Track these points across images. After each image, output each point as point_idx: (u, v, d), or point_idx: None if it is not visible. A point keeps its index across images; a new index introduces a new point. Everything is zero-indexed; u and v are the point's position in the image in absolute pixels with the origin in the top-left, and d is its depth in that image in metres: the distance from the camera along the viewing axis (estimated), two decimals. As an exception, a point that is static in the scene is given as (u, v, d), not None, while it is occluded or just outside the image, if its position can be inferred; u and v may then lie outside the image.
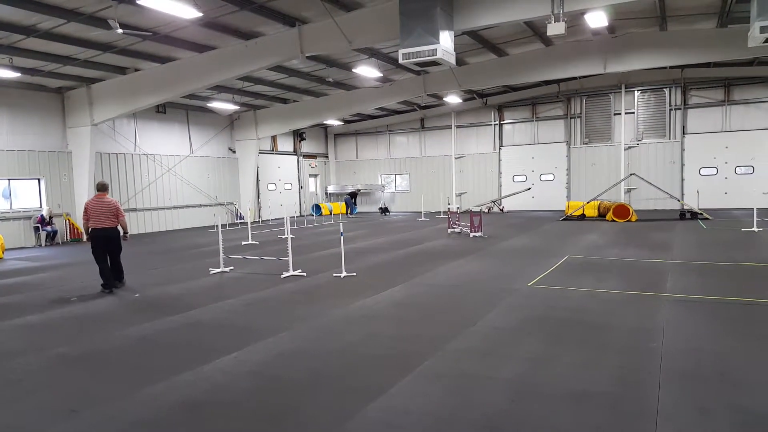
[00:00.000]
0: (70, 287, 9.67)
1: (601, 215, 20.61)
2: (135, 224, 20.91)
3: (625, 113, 25.13)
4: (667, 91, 24.56)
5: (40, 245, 17.40)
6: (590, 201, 21.36)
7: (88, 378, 5.07)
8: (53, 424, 4.04)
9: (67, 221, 18.28)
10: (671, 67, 22.33)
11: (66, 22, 12.40)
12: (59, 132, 18.43)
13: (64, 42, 13.74)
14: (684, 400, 4.08)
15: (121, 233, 9.40)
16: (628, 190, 24.57)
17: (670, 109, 24.60)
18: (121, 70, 17.00)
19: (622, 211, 19.56)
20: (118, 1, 11.38)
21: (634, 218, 19.25)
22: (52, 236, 17.72)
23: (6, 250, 15.48)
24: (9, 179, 17.14)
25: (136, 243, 17.55)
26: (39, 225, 17.49)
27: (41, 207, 17.85)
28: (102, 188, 9.40)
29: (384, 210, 29.80)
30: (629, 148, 25.17)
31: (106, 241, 9.12)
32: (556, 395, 4.22)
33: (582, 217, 20.84)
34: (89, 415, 4.16)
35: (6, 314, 7.71)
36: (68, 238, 18.27)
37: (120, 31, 12.28)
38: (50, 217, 17.71)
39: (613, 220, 19.32)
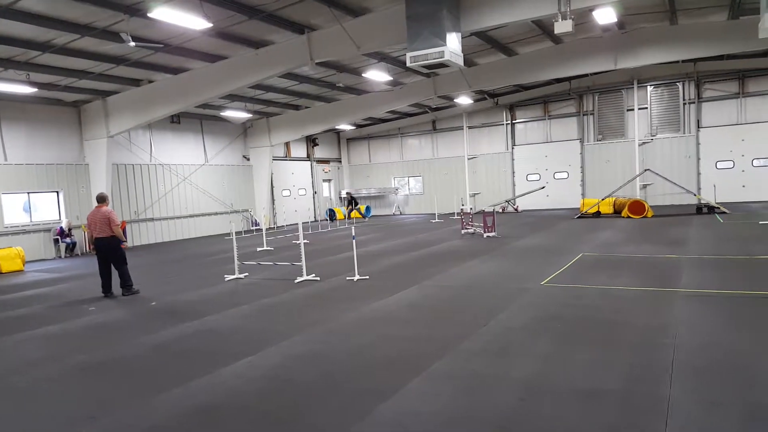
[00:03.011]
0: (89, 297, 9.86)
1: (617, 212, 20.41)
2: (152, 234, 21.25)
3: (639, 109, 24.81)
4: (680, 85, 24.23)
5: (60, 257, 17.76)
6: (605, 198, 21.15)
7: (106, 385, 5.19)
8: (72, 430, 4.15)
9: (86, 233, 18.63)
10: (684, 61, 22.07)
11: (80, 36, 12.69)
12: (76, 145, 18.81)
13: (78, 56, 14.05)
14: (696, 396, 4.05)
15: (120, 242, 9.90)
16: (644, 186, 24.24)
17: (684, 103, 24.25)
18: (135, 82, 17.32)
19: (637, 207, 19.33)
20: (130, 15, 11.62)
21: (650, 214, 19.01)
22: (71, 248, 18.08)
23: (27, 262, 15.81)
24: (29, 192, 17.53)
25: (153, 252, 17.84)
26: (58, 237, 17.85)
27: (60, 219, 18.22)
28: (100, 200, 10.03)
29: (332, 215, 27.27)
30: (643, 143, 24.85)
31: (102, 249, 9.74)
32: (568, 393, 4.22)
33: (597, 214, 20.64)
34: (107, 422, 4.26)
35: (27, 325, 7.89)
36: (87, 249, 18.60)
37: (132, 44, 12.53)
38: (69, 229, 18.07)
39: (629, 217, 19.10)
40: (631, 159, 24.86)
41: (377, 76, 18.90)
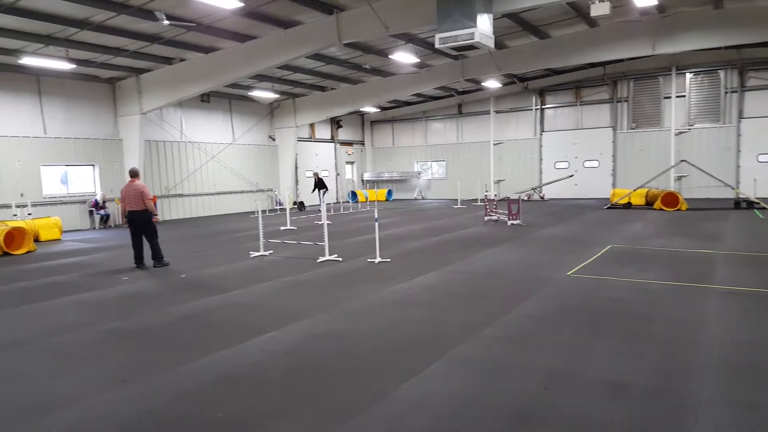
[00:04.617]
0: (122, 267, 10.18)
1: (649, 204, 19.91)
2: (181, 209, 21.72)
3: (676, 96, 24.00)
4: (722, 72, 23.29)
5: (94, 228, 18.34)
6: (637, 189, 20.63)
7: (137, 351, 5.37)
8: (104, 392, 4.31)
9: (119, 206, 19.14)
10: (726, 48, 21.13)
11: (116, 14, 12.88)
12: (111, 120, 19.25)
13: (114, 34, 14.29)
14: (729, 395, 3.95)
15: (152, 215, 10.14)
16: (679, 178, 23.56)
17: (726, 92, 23.31)
18: (168, 61, 17.55)
19: (671, 199, 18.82)
20: (164, -7, 11.74)
21: (684, 207, 18.50)
22: (105, 219, 18.64)
23: (64, 231, 16.34)
24: (66, 165, 18.09)
25: (182, 227, 18.23)
26: (93, 209, 18.42)
27: (95, 192, 18.76)
28: (133, 174, 10.25)
29: (301, 205, 25.53)
30: (680, 133, 24.07)
31: (135, 222, 9.96)
32: (592, 385, 4.17)
33: (628, 205, 20.18)
34: (137, 386, 4.42)
35: (63, 291, 8.21)
36: (120, 221, 19.12)
37: (166, 22, 12.68)
38: (104, 202, 18.63)
39: (662, 209, 18.62)
40: (666, 149, 24.15)
41: (404, 57, 18.70)
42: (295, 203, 25.58)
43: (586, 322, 5.83)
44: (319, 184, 24.39)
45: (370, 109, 29.23)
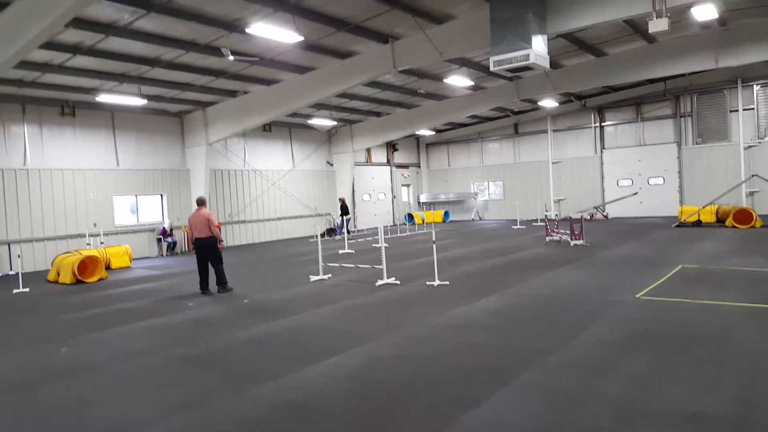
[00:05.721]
0: (187, 293, 10.61)
1: (720, 221, 18.78)
2: (244, 235, 22.50)
3: (743, 110, 22.69)
4: (793, 82, 21.86)
5: (162, 255, 19.27)
6: (707, 205, 19.52)
7: (204, 376, 5.57)
8: (171, 417, 4.47)
9: (186, 233, 20.09)
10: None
11: (185, 52, 13.77)
12: (179, 152, 20.40)
13: (183, 70, 15.25)
14: (822, 428, 3.65)
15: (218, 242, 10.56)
16: (751, 194, 22.09)
17: (800, 102, 21.84)
18: (232, 94, 18.50)
19: (743, 216, 17.68)
20: (229, 31, 12.46)
21: (758, 224, 17.31)
22: (172, 247, 19.57)
23: (133, 259, 17.28)
24: (136, 195, 19.26)
25: (245, 252, 18.87)
26: (161, 237, 19.40)
27: (163, 220, 19.82)
28: (200, 202, 10.77)
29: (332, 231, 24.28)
30: (749, 147, 22.65)
31: (202, 249, 10.41)
32: (668, 415, 3.96)
33: (698, 223, 19.11)
34: (204, 411, 4.55)
35: (134, 317, 8.62)
36: (187, 248, 20.05)
37: (231, 58, 13.41)
38: (171, 230, 19.59)
39: (734, 227, 17.50)
40: (735, 164, 22.76)
41: (458, 81, 18.77)
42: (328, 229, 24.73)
43: (659, 348, 5.54)
44: (344, 210, 23.74)
45: (425, 132, 29.42)
